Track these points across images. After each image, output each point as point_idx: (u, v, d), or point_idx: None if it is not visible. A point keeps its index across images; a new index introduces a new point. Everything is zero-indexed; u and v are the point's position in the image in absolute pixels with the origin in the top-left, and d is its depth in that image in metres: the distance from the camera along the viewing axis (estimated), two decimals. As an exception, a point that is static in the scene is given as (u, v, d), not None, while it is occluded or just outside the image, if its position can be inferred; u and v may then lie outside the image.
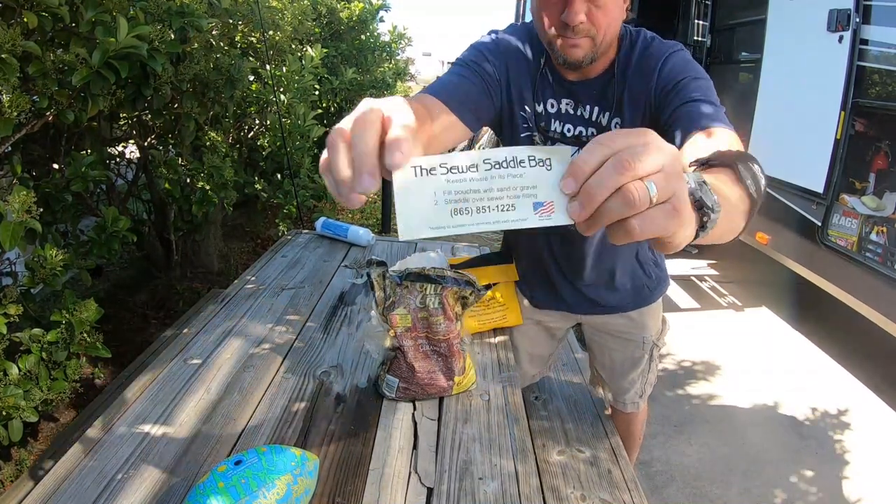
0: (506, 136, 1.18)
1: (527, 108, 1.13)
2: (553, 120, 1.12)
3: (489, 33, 1.14)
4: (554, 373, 1.78)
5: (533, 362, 1.55)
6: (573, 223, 0.45)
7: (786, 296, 3.54)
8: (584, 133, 1.11)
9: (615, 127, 1.06)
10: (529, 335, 1.50)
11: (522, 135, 1.15)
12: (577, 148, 1.06)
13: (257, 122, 3.25)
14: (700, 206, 0.51)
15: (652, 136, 0.44)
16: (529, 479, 0.93)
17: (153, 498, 0.82)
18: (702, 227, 0.53)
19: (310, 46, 3.41)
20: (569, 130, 1.12)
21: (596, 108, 1.08)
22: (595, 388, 1.62)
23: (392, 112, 0.47)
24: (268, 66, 2.82)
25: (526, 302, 1.48)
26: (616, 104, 1.06)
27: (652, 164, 0.42)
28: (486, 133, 10.18)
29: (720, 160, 0.63)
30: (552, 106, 1.12)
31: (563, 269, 1.34)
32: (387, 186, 3.87)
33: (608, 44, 1.00)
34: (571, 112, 1.11)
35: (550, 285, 1.41)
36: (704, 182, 0.52)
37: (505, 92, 1.11)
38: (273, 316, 1.45)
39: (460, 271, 1.11)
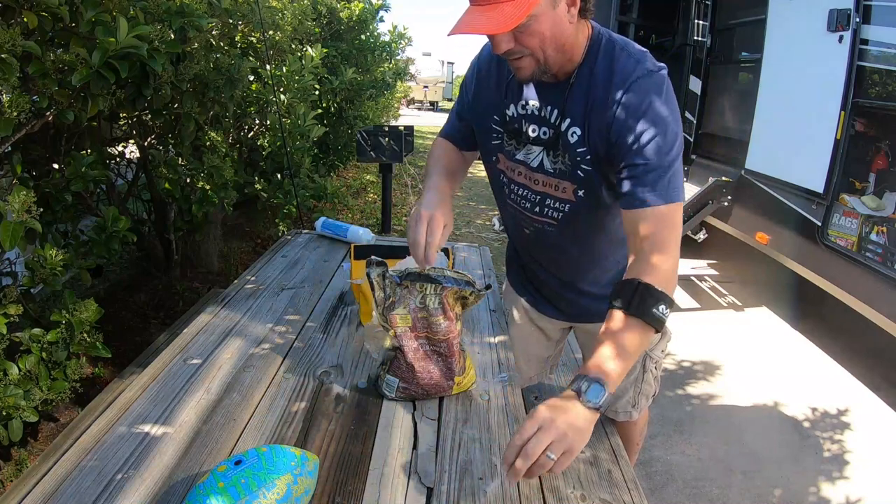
0: (480, 144, 1.27)
1: (496, 116, 1.18)
2: (523, 121, 1.13)
3: (472, 61, 1.25)
4: (554, 373, 1.78)
5: (530, 363, 1.55)
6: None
7: (786, 296, 3.54)
8: (546, 133, 1.10)
9: (572, 136, 1.05)
10: (525, 334, 1.50)
11: (493, 143, 1.21)
12: None
13: (257, 122, 3.25)
14: (603, 407, 0.86)
15: (562, 439, 0.81)
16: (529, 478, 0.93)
17: (153, 498, 0.82)
18: (603, 408, 0.87)
19: (310, 46, 3.41)
20: (533, 131, 1.12)
21: (555, 112, 1.07)
22: None
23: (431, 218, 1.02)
24: (268, 66, 2.82)
25: (523, 301, 1.48)
26: (573, 111, 1.04)
27: (558, 446, 0.80)
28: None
29: (635, 310, 0.91)
30: (522, 108, 1.13)
31: (551, 278, 1.34)
32: (386, 186, 3.87)
33: (559, 57, 1.00)
34: (536, 113, 1.11)
35: (542, 293, 1.42)
36: (604, 397, 0.86)
37: (475, 113, 1.24)
38: (273, 316, 1.45)
39: (460, 271, 1.11)
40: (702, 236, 3.84)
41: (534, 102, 1.11)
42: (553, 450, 0.79)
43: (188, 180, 2.45)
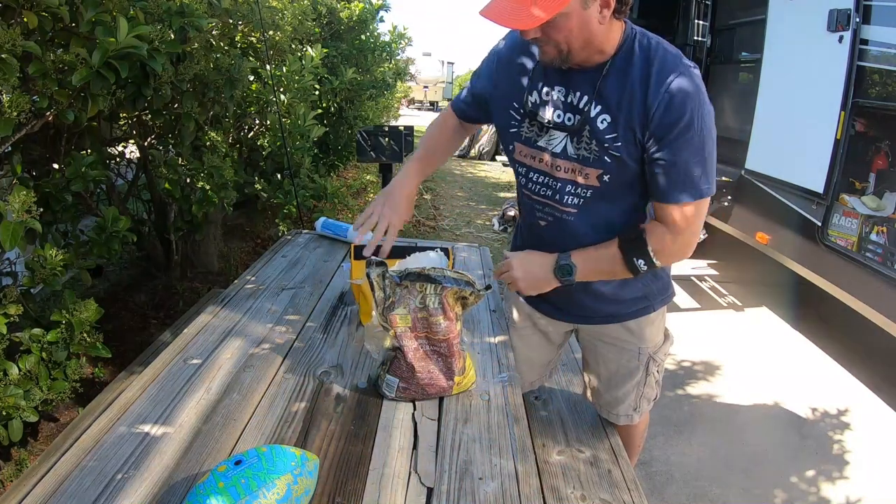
0: (499, 131, 1.30)
1: (516, 103, 1.20)
2: (546, 107, 1.15)
3: (493, 49, 1.29)
4: (554, 375, 1.78)
5: (531, 368, 1.53)
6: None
7: (786, 296, 3.54)
8: (571, 120, 1.12)
9: (601, 123, 1.09)
10: (526, 338, 1.49)
11: (510, 130, 1.23)
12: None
13: (257, 122, 3.25)
14: (561, 276, 1.20)
15: (517, 272, 1.23)
16: (529, 479, 0.93)
17: (153, 498, 0.82)
18: (565, 281, 1.20)
19: (310, 46, 3.41)
20: (558, 116, 1.14)
21: (584, 98, 1.10)
22: (586, 399, 1.60)
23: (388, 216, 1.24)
24: (268, 66, 2.82)
25: (524, 303, 1.48)
26: (606, 100, 1.08)
27: (508, 276, 1.24)
28: (487, 133, 10.18)
29: (622, 247, 1.16)
30: (546, 94, 1.15)
31: None
32: (385, 184, 3.87)
33: (583, 51, 1.04)
34: (563, 99, 1.13)
35: (545, 293, 1.41)
36: (568, 270, 1.19)
37: (492, 98, 1.29)
38: (273, 316, 1.45)
39: (460, 271, 1.11)
40: (702, 236, 3.82)
41: (560, 88, 1.13)
42: (504, 278, 1.25)
43: (188, 180, 2.45)
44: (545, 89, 1.15)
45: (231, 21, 2.58)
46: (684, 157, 1.04)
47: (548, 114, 1.15)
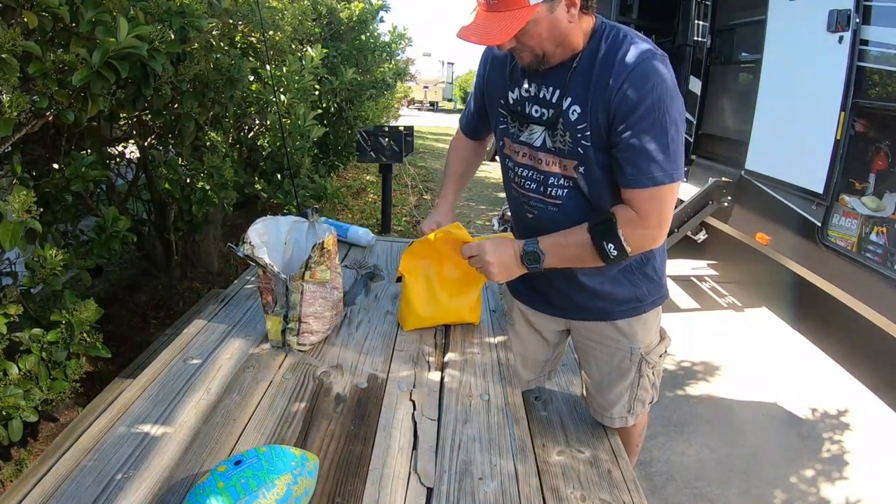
0: (493, 128, 1.37)
1: (502, 100, 1.26)
2: (525, 103, 1.21)
3: (484, 51, 1.34)
4: (553, 378, 1.78)
5: (527, 366, 1.54)
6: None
7: (786, 296, 3.54)
8: (545, 114, 1.17)
9: (572, 114, 1.12)
10: (522, 336, 1.50)
11: (499, 126, 1.29)
12: None
13: (257, 122, 3.25)
14: (528, 263, 1.21)
15: (489, 257, 1.22)
16: (529, 479, 0.93)
17: (153, 498, 0.82)
18: (532, 268, 1.22)
19: (310, 46, 3.40)
20: (536, 111, 1.19)
21: (557, 92, 1.14)
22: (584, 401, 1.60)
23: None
24: (268, 66, 2.82)
25: (519, 303, 1.48)
26: (576, 91, 1.12)
27: (479, 262, 1.24)
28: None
29: (592, 231, 1.15)
30: (525, 90, 1.20)
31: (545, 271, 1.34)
32: (386, 187, 3.86)
33: (557, 50, 1.09)
34: (538, 94, 1.18)
35: (536, 287, 1.42)
36: (534, 257, 1.20)
37: (485, 98, 1.35)
38: (273, 316, 1.45)
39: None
40: (702, 237, 3.84)
41: (536, 84, 1.18)
42: (474, 262, 1.26)
43: (188, 180, 2.45)
44: (524, 86, 1.20)
45: (231, 21, 2.58)
46: (646, 141, 1.06)
47: (527, 109, 1.20)
